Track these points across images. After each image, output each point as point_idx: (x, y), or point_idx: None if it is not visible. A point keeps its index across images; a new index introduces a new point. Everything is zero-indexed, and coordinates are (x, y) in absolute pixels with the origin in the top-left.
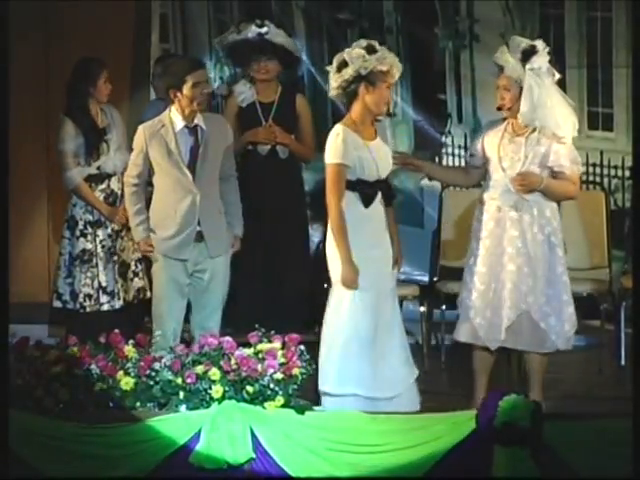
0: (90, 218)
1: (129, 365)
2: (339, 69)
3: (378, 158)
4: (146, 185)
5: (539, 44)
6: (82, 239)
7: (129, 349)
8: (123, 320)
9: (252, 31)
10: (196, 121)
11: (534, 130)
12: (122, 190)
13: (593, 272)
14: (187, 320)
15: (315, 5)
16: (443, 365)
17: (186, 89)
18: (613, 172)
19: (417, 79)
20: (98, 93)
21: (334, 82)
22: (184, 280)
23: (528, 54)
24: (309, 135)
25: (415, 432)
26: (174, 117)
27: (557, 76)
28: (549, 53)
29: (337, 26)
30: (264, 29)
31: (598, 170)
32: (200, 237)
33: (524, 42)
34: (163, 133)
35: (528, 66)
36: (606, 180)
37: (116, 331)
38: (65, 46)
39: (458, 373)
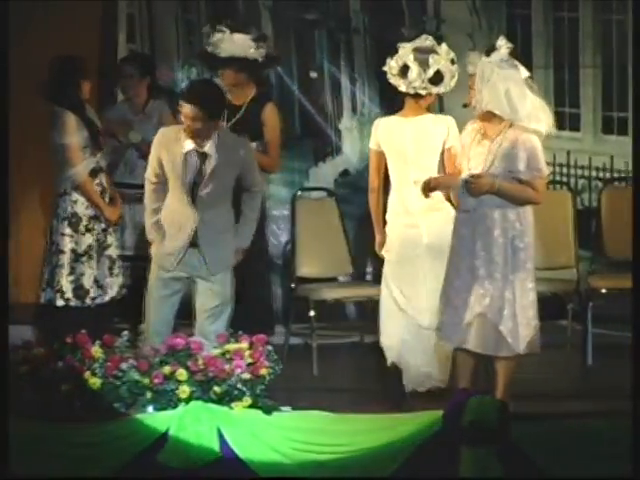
0: (91, 213)
1: (96, 365)
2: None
3: None
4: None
5: (499, 41)
6: (88, 234)
7: (96, 350)
8: (106, 316)
9: (206, 42)
10: (206, 148)
11: (500, 133)
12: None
13: (560, 272)
14: None
15: (282, 5)
16: None
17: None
18: (580, 172)
19: (384, 79)
20: (85, 89)
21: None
22: (175, 285)
23: (489, 52)
24: (271, 145)
25: (381, 432)
26: (183, 137)
27: (523, 71)
28: (509, 47)
29: (304, 26)
30: (209, 47)
31: (565, 170)
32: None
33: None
34: (175, 149)
35: (485, 59)
36: (573, 180)
37: (83, 331)
38: (30, 45)
39: None
